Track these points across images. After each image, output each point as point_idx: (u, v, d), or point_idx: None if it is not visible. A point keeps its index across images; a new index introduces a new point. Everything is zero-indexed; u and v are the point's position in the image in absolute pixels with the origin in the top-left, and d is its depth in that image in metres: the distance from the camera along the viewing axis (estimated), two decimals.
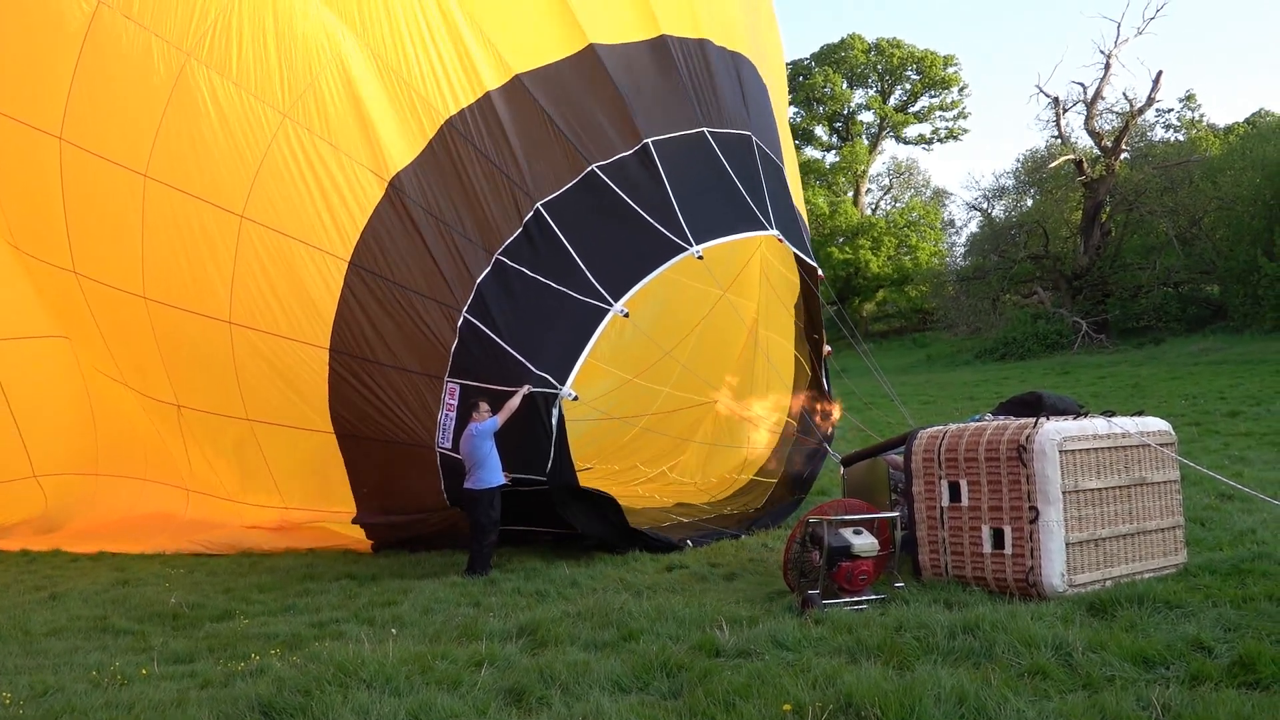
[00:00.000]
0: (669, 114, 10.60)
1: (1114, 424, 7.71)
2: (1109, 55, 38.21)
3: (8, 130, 10.73)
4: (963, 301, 41.71)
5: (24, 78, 10.60)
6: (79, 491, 12.36)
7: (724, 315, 13.17)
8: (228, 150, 9.82)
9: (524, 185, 9.78)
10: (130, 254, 10.37)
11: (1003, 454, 7.45)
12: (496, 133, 9.88)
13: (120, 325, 10.88)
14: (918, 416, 14.12)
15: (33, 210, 10.96)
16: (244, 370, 10.22)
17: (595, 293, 9.59)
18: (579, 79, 10.29)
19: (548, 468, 9.34)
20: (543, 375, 9.34)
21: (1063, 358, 32.83)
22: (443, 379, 9.49)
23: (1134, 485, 7.70)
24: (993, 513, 7.51)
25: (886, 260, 48.86)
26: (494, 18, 10.17)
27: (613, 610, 7.36)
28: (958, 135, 57.88)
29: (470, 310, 9.45)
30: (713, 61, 11.32)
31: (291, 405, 10.18)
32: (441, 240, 9.61)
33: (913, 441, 8.14)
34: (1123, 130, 38.37)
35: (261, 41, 9.90)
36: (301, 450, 10.40)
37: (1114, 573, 7.45)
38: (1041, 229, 39.60)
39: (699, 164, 10.54)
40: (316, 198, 9.71)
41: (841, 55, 54.71)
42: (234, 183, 9.79)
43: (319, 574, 9.87)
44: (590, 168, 9.99)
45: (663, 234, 9.94)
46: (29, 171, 10.77)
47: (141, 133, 10.07)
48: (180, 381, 10.90)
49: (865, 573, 7.47)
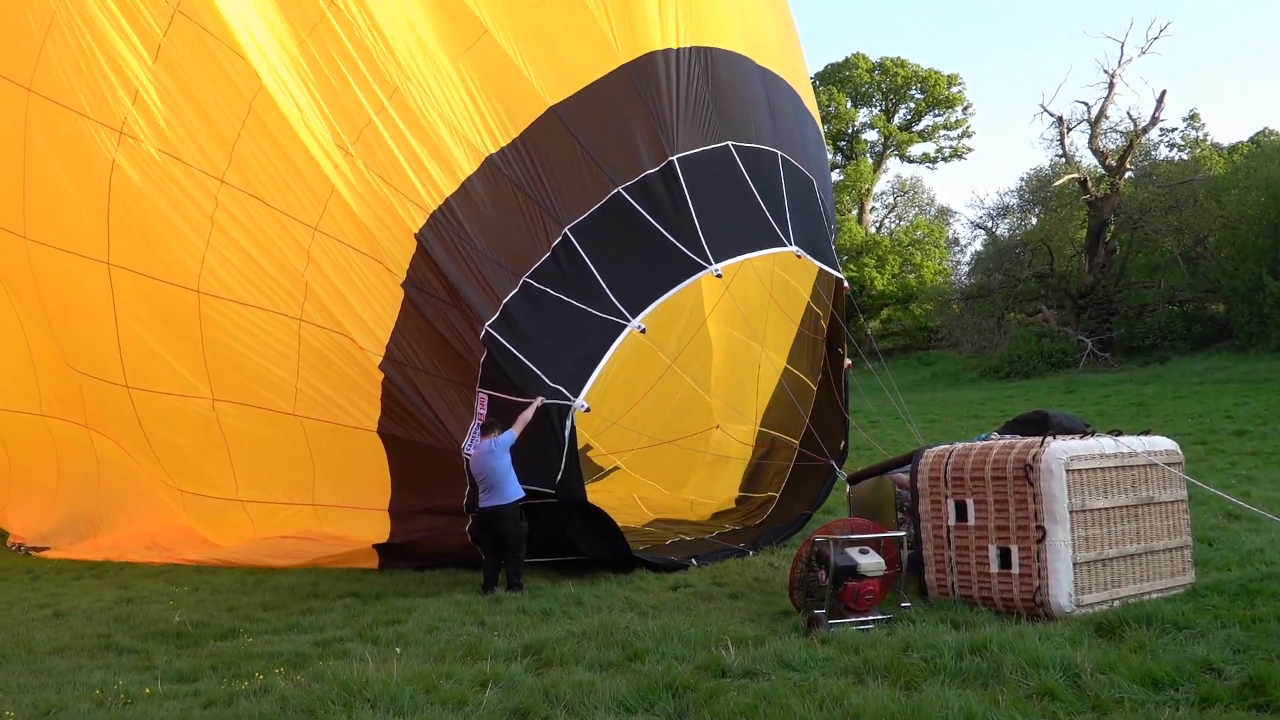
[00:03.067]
0: (695, 129, 10.70)
1: (1121, 443, 7.69)
2: (1113, 75, 38.29)
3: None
4: (967, 320, 41.66)
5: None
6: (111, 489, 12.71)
7: (727, 336, 13.24)
8: (301, 178, 10.15)
9: (554, 212, 10.09)
10: (192, 252, 10.58)
11: (1009, 473, 7.43)
12: (530, 167, 10.20)
13: (176, 316, 10.96)
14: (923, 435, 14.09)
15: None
16: (304, 366, 10.52)
17: (614, 309, 9.80)
18: (610, 100, 10.46)
19: (557, 479, 9.38)
20: (556, 387, 9.49)
21: (1068, 376, 32.76)
22: (474, 388, 9.81)
23: (1141, 505, 7.67)
24: (999, 532, 7.48)
25: (891, 279, 48.83)
26: (526, 44, 10.37)
27: (618, 630, 7.33)
28: (962, 154, 57.94)
29: (494, 325, 9.71)
30: (747, 77, 11.42)
31: (345, 403, 10.46)
32: (475, 265, 9.91)
33: (919, 460, 8.12)
34: (1127, 149, 38.39)
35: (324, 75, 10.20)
36: (349, 446, 10.59)
37: (1122, 593, 7.41)
38: (1046, 247, 39.59)
39: (721, 179, 10.66)
40: (375, 226, 10.03)
41: (845, 74, 54.86)
42: (309, 204, 10.17)
43: (323, 592, 9.85)
44: (616, 190, 10.19)
45: (683, 253, 10.11)
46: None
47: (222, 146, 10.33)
48: (218, 376, 11.00)
49: (872, 592, 7.44)
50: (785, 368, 12.99)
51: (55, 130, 11.02)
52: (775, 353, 13.10)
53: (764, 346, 13.08)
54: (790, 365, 12.96)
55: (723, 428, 13.64)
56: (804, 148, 12.08)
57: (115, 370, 11.44)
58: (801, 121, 12.42)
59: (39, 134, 11.15)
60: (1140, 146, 39.35)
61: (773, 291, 12.75)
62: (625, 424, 13.60)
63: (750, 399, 13.39)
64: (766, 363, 13.16)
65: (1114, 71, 38.27)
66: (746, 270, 12.45)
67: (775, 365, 13.11)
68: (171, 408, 11.35)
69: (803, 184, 11.61)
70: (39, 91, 11.08)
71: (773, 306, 12.87)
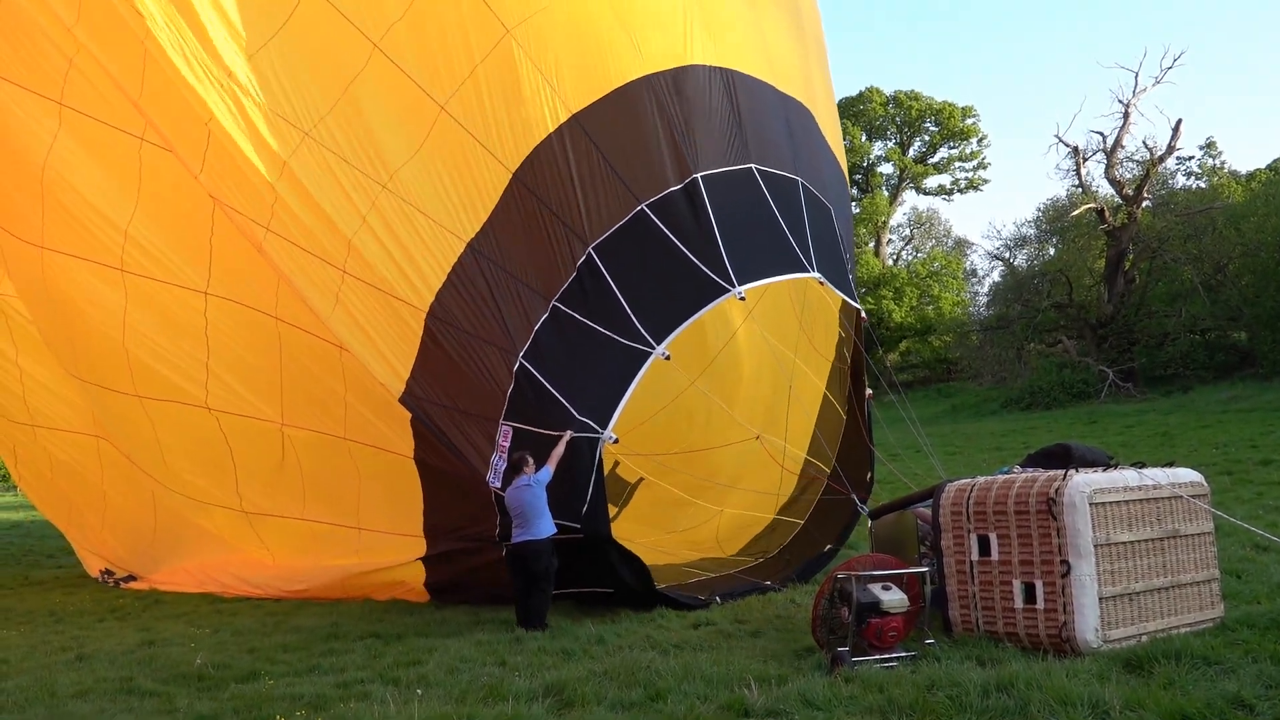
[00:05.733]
0: (719, 148, 10.64)
1: (1145, 475, 7.62)
2: (1128, 104, 38.33)
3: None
4: (987, 351, 41.50)
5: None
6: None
7: (757, 353, 13.12)
8: (336, 213, 10.20)
9: (580, 229, 9.99)
10: (270, 284, 10.73)
11: (1032, 507, 7.37)
12: (557, 178, 10.07)
13: (255, 341, 11.14)
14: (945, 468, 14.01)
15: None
16: (351, 394, 10.66)
17: (638, 335, 9.74)
18: (632, 112, 10.36)
19: (583, 511, 9.35)
20: (584, 420, 9.47)
21: (1090, 407, 32.54)
22: (497, 421, 9.76)
23: (1167, 538, 7.58)
24: (1024, 567, 7.41)
25: (909, 310, 48.78)
26: (553, 56, 10.26)
27: (640, 669, 7.28)
28: (978, 185, 58.08)
29: (526, 355, 9.70)
30: (768, 103, 11.40)
31: (380, 430, 10.60)
32: (507, 291, 9.89)
33: (941, 494, 8.06)
34: (1144, 178, 38.34)
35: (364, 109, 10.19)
36: (391, 471, 10.71)
37: (1149, 628, 7.32)
38: (1065, 277, 39.45)
39: (745, 202, 10.59)
40: (405, 254, 10.04)
41: (860, 108, 55.15)
42: (336, 243, 10.20)
43: (343, 633, 9.83)
44: (640, 206, 10.09)
45: (706, 275, 10.02)
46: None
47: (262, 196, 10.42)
48: (290, 403, 11.21)
49: (895, 629, 7.37)
50: (824, 394, 12.90)
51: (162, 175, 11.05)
52: (817, 378, 12.96)
53: (809, 371, 12.94)
54: (828, 392, 12.89)
55: (763, 439, 13.47)
56: (823, 177, 12.05)
57: (200, 393, 11.68)
58: (820, 150, 12.39)
59: (152, 177, 11.16)
60: (1157, 175, 39.28)
61: (811, 317, 12.67)
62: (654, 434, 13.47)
63: (789, 421, 13.17)
64: (810, 387, 12.98)
65: (1129, 101, 38.34)
66: (782, 292, 12.35)
67: (816, 390, 12.96)
68: (248, 428, 11.58)
69: (822, 213, 11.59)
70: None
71: (813, 331, 12.75)
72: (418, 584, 11.15)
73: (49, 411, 14.11)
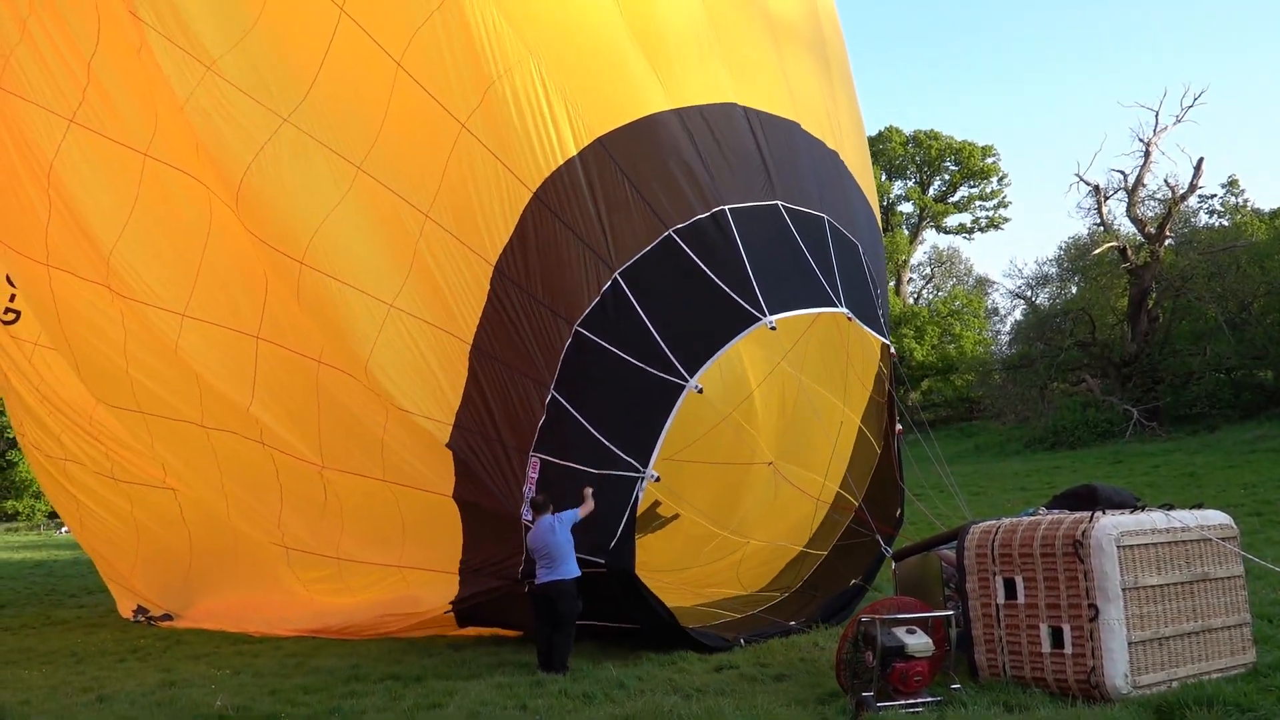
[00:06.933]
0: (745, 183, 10.62)
1: (1173, 517, 7.53)
2: (1148, 143, 38.24)
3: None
4: (1010, 390, 41.18)
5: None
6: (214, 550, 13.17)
7: (789, 383, 13.05)
8: (384, 249, 10.36)
9: (605, 254, 9.95)
10: (304, 323, 10.93)
11: (1059, 549, 7.29)
12: (580, 199, 10.05)
13: (287, 382, 11.33)
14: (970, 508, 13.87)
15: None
16: (389, 436, 10.74)
17: (670, 367, 9.67)
18: (658, 141, 10.36)
19: (610, 546, 9.33)
20: (628, 459, 9.46)
21: (1115, 446, 32.20)
22: (527, 453, 9.76)
23: (1196, 581, 7.48)
24: (1050, 610, 7.31)
25: (930, 349, 48.62)
26: (574, 81, 10.29)
27: (661, 714, 7.21)
28: (999, 224, 58.05)
29: (557, 386, 9.68)
30: (793, 141, 11.39)
31: (420, 471, 10.66)
32: (533, 316, 9.90)
33: (965, 536, 7.99)
34: (1166, 217, 38.18)
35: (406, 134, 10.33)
36: (429, 510, 10.77)
37: (1179, 673, 7.20)
38: (1087, 316, 39.23)
39: (773, 236, 10.54)
40: (447, 290, 10.18)
41: (880, 147, 55.34)
42: (388, 279, 10.33)
43: (364, 674, 9.79)
44: (668, 232, 10.04)
45: (737, 303, 9.95)
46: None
47: (304, 225, 10.59)
48: (330, 443, 11.34)
49: (920, 674, 7.28)
50: (860, 428, 12.79)
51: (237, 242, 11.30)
52: (853, 411, 12.81)
53: (844, 404, 12.78)
54: (863, 426, 12.79)
55: (776, 466, 13.36)
56: (851, 214, 11.96)
57: (254, 428, 11.84)
58: (848, 188, 12.33)
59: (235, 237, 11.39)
60: (1179, 214, 39.12)
61: (843, 352, 12.61)
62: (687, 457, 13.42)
63: (821, 452, 12.99)
64: (846, 420, 12.80)
65: (1149, 140, 38.25)
66: (813, 326, 12.26)
67: (851, 424, 12.81)
68: (294, 467, 11.70)
69: (850, 250, 11.51)
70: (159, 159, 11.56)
71: (850, 364, 12.61)
72: (450, 620, 11.16)
73: (74, 447, 14.24)
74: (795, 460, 13.22)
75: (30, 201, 12.41)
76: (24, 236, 12.69)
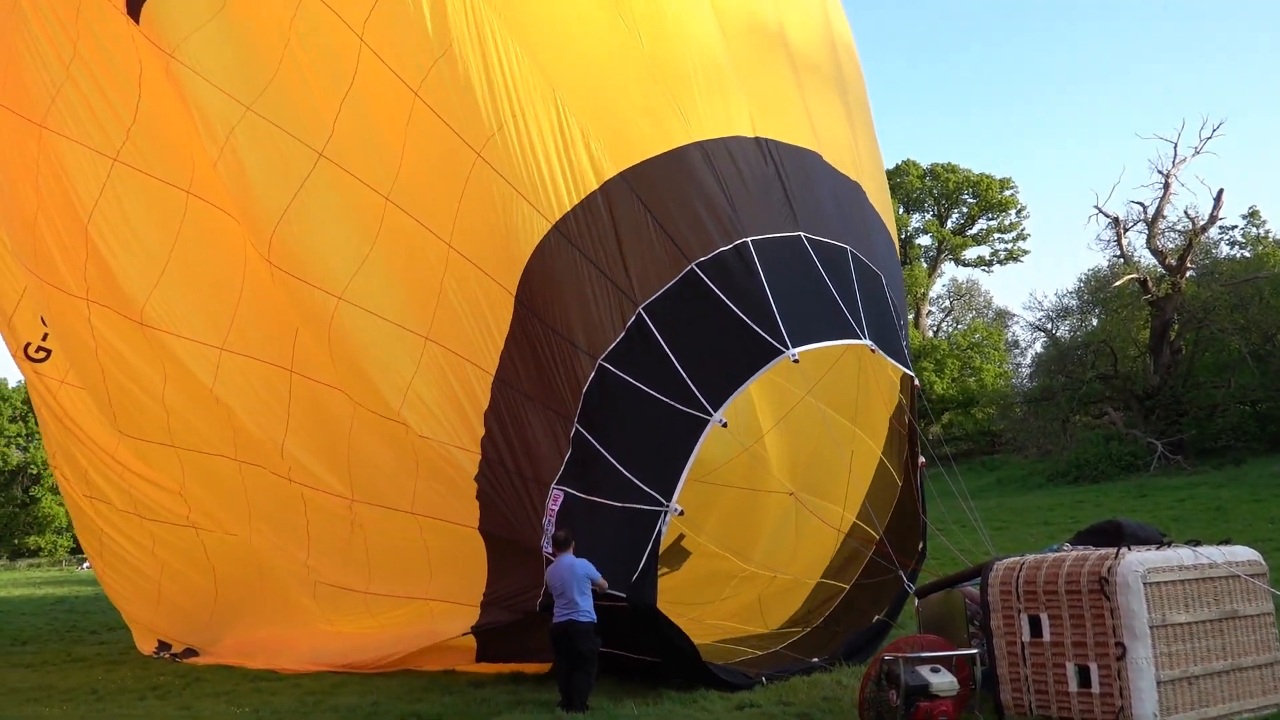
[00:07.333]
0: (767, 215, 10.64)
1: (1199, 554, 7.44)
2: (1167, 175, 38.14)
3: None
4: (1031, 423, 40.86)
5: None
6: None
7: (810, 414, 13.01)
8: (415, 281, 10.48)
9: (628, 288, 9.98)
10: (334, 366, 11.05)
11: (1084, 586, 7.20)
12: (601, 233, 10.11)
13: (320, 415, 11.41)
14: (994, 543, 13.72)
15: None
16: (419, 467, 10.78)
17: (694, 401, 9.65)
18: (680, 174, 10.40)
19: (631, 580, 9.28)
20: (652, 493, 9.43)
21: (1139, 480, 31.87)
22: (548, 486, 9.75)
23: (1225, 619, 7.37)
24: (1077, 649, 7.22)
25: (951, 382, 48.38)
26: (596, 115, 10.38)
27: None
28: (1018, 256, 57.91)
29: (580, 420, 9.69)
30: (815, 172, 11.42)
31: (450, 503, 10.67)
32: (555, 349, 9.93)
33: (989, 573, 7.91)
34: (1186, 248, 37.98)
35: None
36: (456, 543, 10.78)
37: (1210, 713, 7.09)
38: (1109, 348, 38.98)
39: (795, 267, 10.54)
40: (472, 321, 10.26)
41: (897, 181, 55.39)
42: (421, 308, 10.45)
43: (383, 712, 9.75)
44: (690, 265, 10.06)
45: (760, 336, 9.95)
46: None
47: (345, 262, 10.76)
48: (360, 479, 11.41)
49: (945, 713, 7.19)
50: (880, 458, 12.72)
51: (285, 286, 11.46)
52: (874, 441, 12.74)
53: (865, 434, 12.71)
54: (884, 456, 12.72)
55: (797, 496, 13.28)
56: (873, 245, 11.96)
57: (283, 464, 11.91)
58: (870, 220, 12.33)
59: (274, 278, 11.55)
60: (1200, 245, 38.93)
61: (866, 383, 12.57)
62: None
63: (840, 482, 12.94)
64: (862, 453, 12.74)
65: (1168, 172, 38.14)
66: (835, 358, 12.21)
67: (873, 454, 12.73)
68: (320, 506, 11.77)
69: (873, 281, 11.48)
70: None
71: (872, 395, 12.53)
72: (469, 643, 11.10)
73: (101, 483, 14.32)
74: (814, 491, 13.16)
75: (72, 238, 12.56)
76: (63, 272, 12.83)
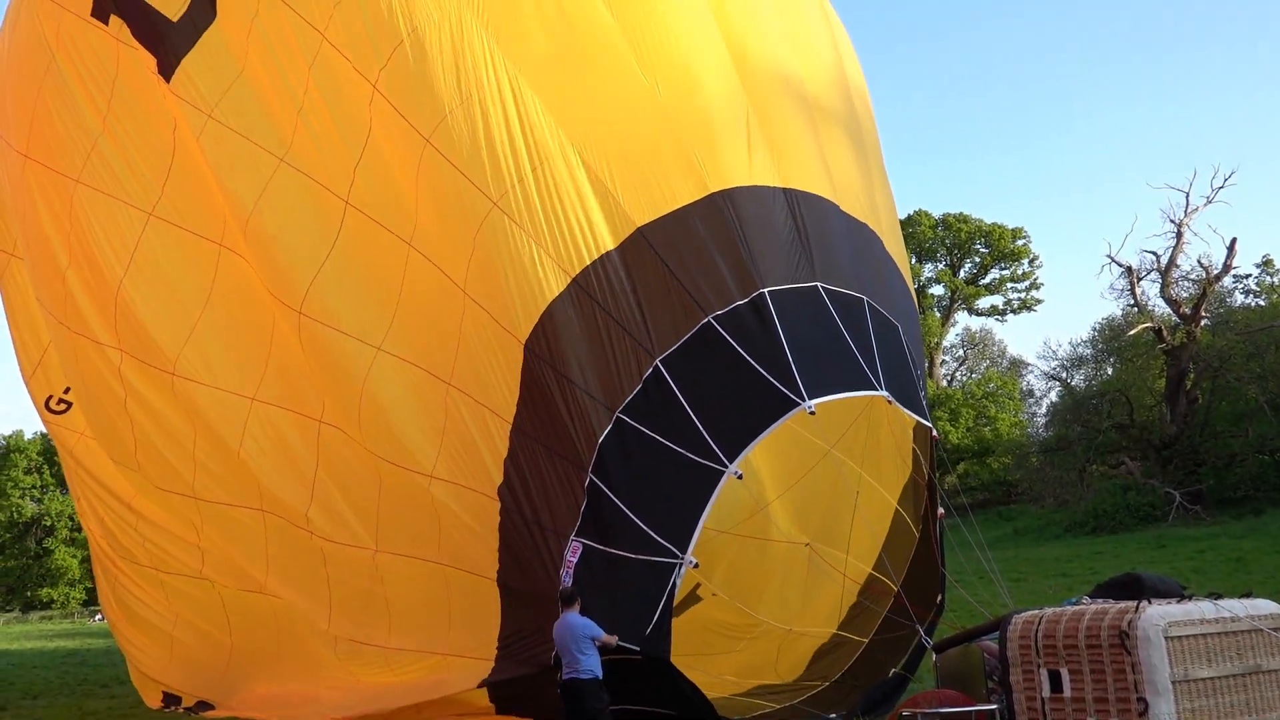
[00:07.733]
0: (785, 265, 10.69)
1: (1221, 607, 7.35)
2: (1180, 224, 38.17)
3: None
4: (1048, 473, 40.56)
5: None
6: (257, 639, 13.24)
7: (824, 464, 12.94)
8: (435, 325, 10.57)
9: (645, 341, 10.05)
10: (351, 408, 11.09)
11: (1104, 640, 7.12)
12: (619, 288, 10.18)
13: (349, 463, 11.40)
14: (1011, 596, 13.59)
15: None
16: (442, 517, 10.76)
17: (710, 452, 9.67)
18: (698, 226, 10.48)
19: (646, 632, 9.19)
20: (667, 545, 9.41)
21: (1158, 531, 31.53)
22: (566, 537, 9.73)
23: (1249, 673, 7.27)
24: (1098, 704, 7.13)
25: (965, 432, 48.13)
26: (614, 170, 10.48)
27: None
28: (1031, 306, 57.83)
29: (595, 470, 9.69)
30: (832, 221, 11.47)
31: (471, 551, 10.64)
32: (571, 399, 9.96)
33: (1008, 627, 7.83)
34: (1200, 297, 37.89)
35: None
36: (475, 594, 10.74)
37: None
38: (1125, 397, 38.77)
39: (812, 318, 10.59)
40: (488, 368, 10.32)
41: (909, 231, 55.51)
42: (444, 354, 10.55)
43: None
44: (706, 319, 10.12)
45: (776, 388, 9.97)
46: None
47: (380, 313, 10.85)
48: (386, 527, 11.37)
49: None
50: (896, 509, 12.64)
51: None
52: (889, 492, 12.69)
53: (880, 485, 12.66)
54: (900, 507, 12.64)
55: (814, 547, 13.17)
56: (890, 295, 12.01)
57: (303, 517, 11.89)
58: (886, 269, 12.39)
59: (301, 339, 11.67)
60: (1214, 294, 38.84)
61: (882, 434, 12.51)
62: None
63: (857, 533, 12.85)
64: (878, 504, 12.69)
65: (1181, 221, 38.17)
66: (852, 409, 12.22)
67: (888, 505, 12.68)
68: (341, 562, 11.74)
69: (890, 331, 11.51)
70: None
71: (888, 445, 12.55)
72: (482, 696, 10.96)
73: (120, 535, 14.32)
74: (827, 542, 13.09)
75: (103, 290, 12.64)
76: (93, 323, 12.89)
